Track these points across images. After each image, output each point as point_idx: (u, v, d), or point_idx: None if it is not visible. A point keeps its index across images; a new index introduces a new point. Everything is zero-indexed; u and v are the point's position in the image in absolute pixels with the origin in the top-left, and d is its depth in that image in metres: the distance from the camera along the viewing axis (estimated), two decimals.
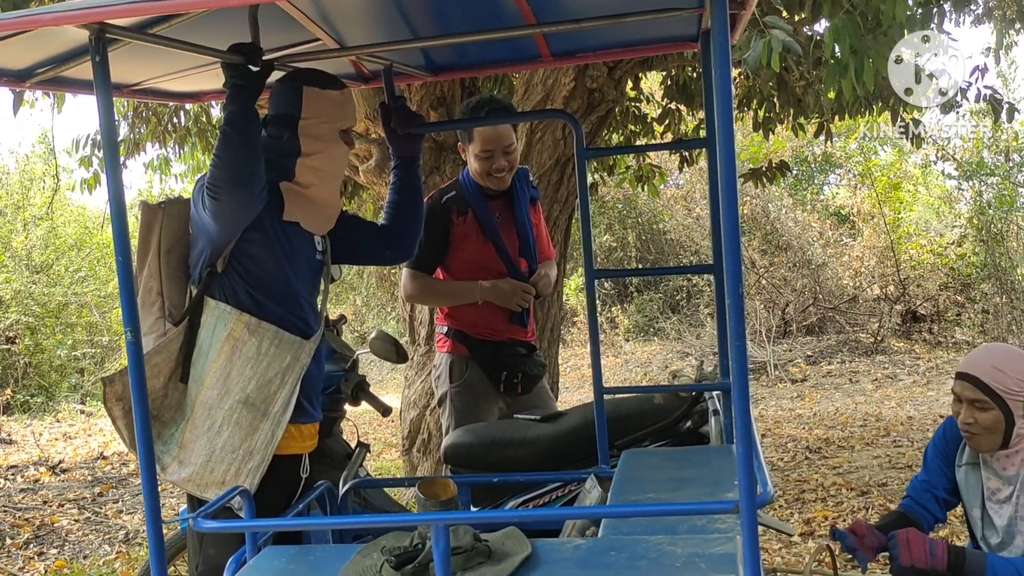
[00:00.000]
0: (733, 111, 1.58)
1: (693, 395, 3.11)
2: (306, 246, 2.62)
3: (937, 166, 13.57)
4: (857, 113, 6.02)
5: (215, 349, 2.46)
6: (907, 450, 6.63)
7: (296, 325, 2.55)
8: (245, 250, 2.48)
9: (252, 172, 2.34)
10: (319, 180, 2.59)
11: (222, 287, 2.49)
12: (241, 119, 2.32)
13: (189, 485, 2.47)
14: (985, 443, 2.52)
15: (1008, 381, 2.45)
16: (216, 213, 2.37)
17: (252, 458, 2.44)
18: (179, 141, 7.03)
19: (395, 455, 7.58)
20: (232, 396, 2.44)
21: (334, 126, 2.57)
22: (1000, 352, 2.55)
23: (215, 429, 2.44)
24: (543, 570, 1.88)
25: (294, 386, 2.51)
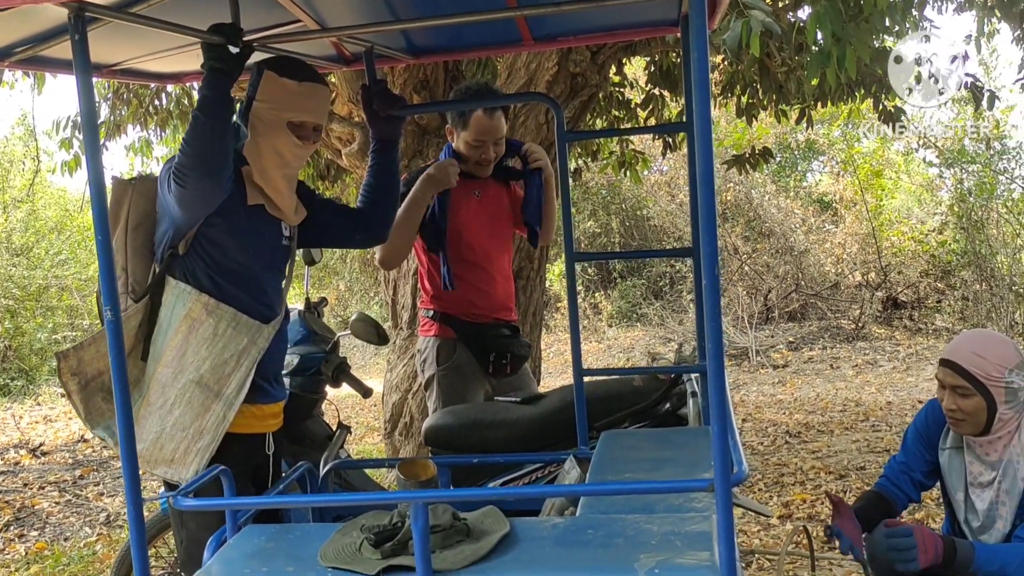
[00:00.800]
0: (711, 95, 1.59)
1: (672, 377, 3.14)
2: (272, 230, 2.61)
3: (919, 154, 13.65)
4: (839, 100, 6.04)
5: (173, 327, 2.46)
6: (885, 434, 6.69)
7: (256, 309, 2.55)
8: (208, 235, 2.48)
9: (219, 162, 2.33)
10: (257, 168, 2.54)
11: (183, 268, 2.49)
12: (214, 105, 2.30)
13: (139, 461, 2.45)
14: (969, 428, 2.55)
15: (988, 367, 2.47)
16: (180, 199, 2.37)
17: (202, 438, 2.46)
18: (160, 123, 6.98)
19: (377, 439, 7.60)
20: (186, 375, 2.45)
21: (282, 115, 2.51)
22: (981, 338, 2.57)
23: (167, 407, 2.45)
24: (521, 548, 1.90)
25: (249, 369, 2.51)
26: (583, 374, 2.89)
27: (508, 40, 3.07)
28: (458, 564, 1.82)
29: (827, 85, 5.38)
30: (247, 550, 2.00)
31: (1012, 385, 2.47)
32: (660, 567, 1.75)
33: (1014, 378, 2.47)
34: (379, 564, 1.83)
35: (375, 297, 14.89)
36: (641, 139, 10.84)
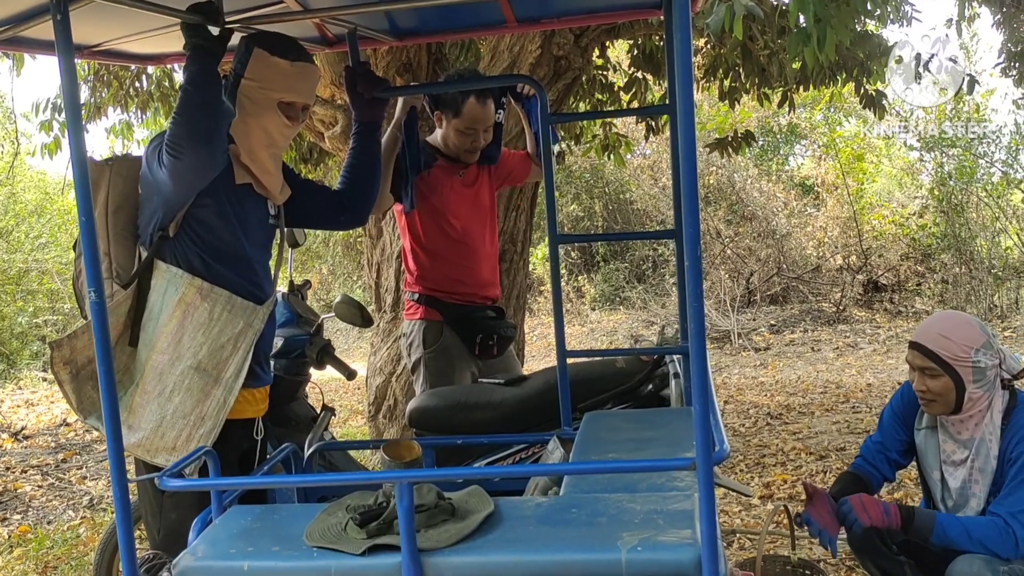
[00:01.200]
0: (693, 78, 1.61)
1: (654, 359, 3.17)
2: (259, 210, 2.59)
3: (900, 137, 13.72)
4: (821, 84, 6.06)
5: (166, 313, 2.43)
6: (865, 416, 6.75)
7: (249, 290, 2.53)
8: (198, 215, 2.45)
9: (214, 128, 2.31)
10: (245, 147, 2.52)
11: (173, 251, 2.46)
12: (202, 78, 2.28)
13: (139, 450, 2.45)
14: (939, 408, 2.59)
15: (954, 348, 2.52)
16: (175, 171, 2.32)
17: (204, 424, 2.44)
18: (141, 106, 6.93)
19: (361, 422, 7.61)
20: (184, 362, 2.42)
21: (272, 95, 2.49)
22: (947, 320, 2.61)
23: (166, 394, 2.42)
24: (505, 526, 1.92)
25: (247, 352, 2.50)
26: (566, 356, 2.91)
27: (491, 22, 3.07)
28: (443, 543, 1.83)
29: (809, 69, 5.41)
30: (233, 530, 2.01)
31: (979, 364, 2.51)
32: (642, 545, 1.77)
33: (980, 357, 2.51)
34: (364, 543, 1.84)
35: (358, 280, 14.87)
36: (624, 123, 10.85)
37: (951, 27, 8.03)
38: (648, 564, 1.74)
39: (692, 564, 1.72)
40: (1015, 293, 11.70)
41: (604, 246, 14.19)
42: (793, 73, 5.61)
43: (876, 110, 6.31)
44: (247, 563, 1.84)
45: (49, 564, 4.61)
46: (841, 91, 8.41)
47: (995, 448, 2.54)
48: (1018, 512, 2.43)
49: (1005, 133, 12.42)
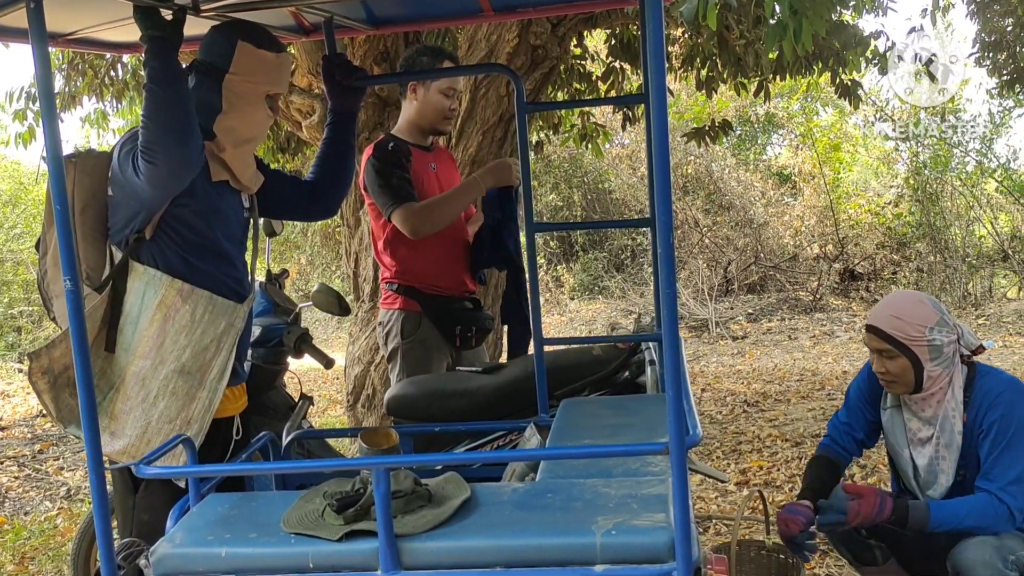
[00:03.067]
0: (671, 68, 1.62)
1: (631, 346, 3.19)
2: (235, 204, 2.55)
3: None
4: (797, 73, 6.10)
5: (146, 317, 2.36)
6: (840, 403, 6.81)
7: (230, 287, 2.49)
8: (176, 214, 2.39)
9: (187, 129, 2.23)
10: (231, 143, 2.47)
11: (151, 252, 2.39)
12: (166, 74, 2.20)
13: (124, 457, 2.39)
14: (900, 388, 2.62)
15: (907, 328, 2.54)
16: (153, 178, 2.24)
17: (191, 427, 2.40)
18: (116, 95, 6.88)
19: (340, 411, 7.61)
20: (167, 366, 2.37)
21: (261, 88, 2.47)
22: (899, 300, 2.64)
23: (150, 400, 2.38)
24: (482, 512, 1.94)
25: (230, 351, 2.46)
26: (543, 343, 2.93)
27: (468, 11, 3.08)
28: (420, 528, 1.85)
29: (785, 59, 5.44)
30: (210, 517, 2.02)
31: (935, 343, 2.54)
32: (617, 528, 1.79)
33: (935, 336, 2.54)
34: (342, 529, 1.86)
35: (336, 270, 14.83)
36: (602, 112, 10.87)
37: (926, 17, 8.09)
38: (622, 548, 1.76)
39: (665, 547, 1.74)
40: (988, 281, 11.82)
41: (583, 236, 14.22)
42: (769, 63, 5.65)
43: (851, 100, 6.36)
44: (224, 549, 1.85)
45: (26, 555, 4.60)
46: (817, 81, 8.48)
47: (959, 423, 2.56)
48: (1006, 484, 2.44)
49: (979, 123, 12.53)
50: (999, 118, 12.57)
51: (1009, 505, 2.44)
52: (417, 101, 3.59)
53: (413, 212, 3.42)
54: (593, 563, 1.77)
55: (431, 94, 3.55)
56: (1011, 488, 2.44)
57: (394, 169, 3.47)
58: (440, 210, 3.47)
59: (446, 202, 3.50)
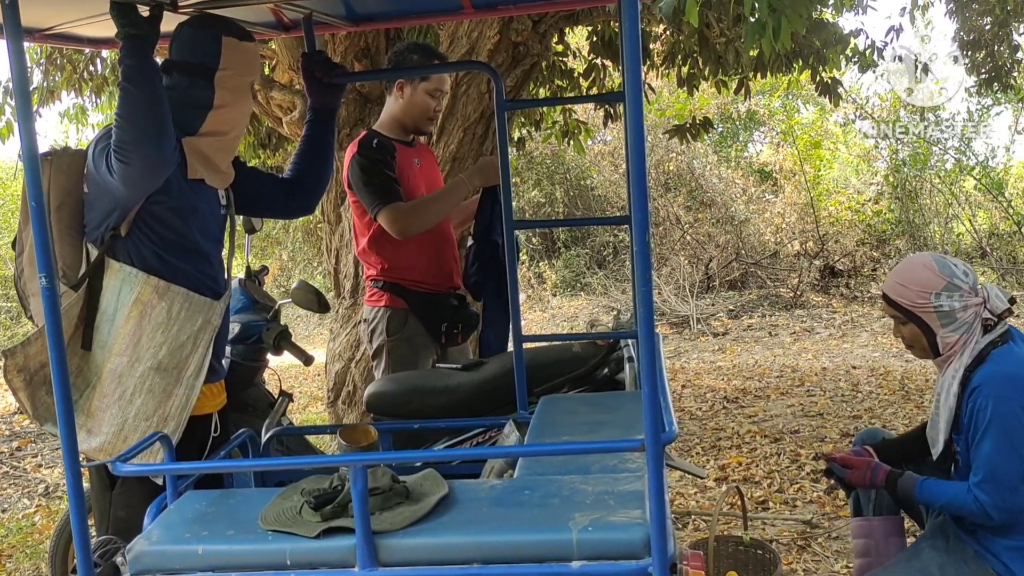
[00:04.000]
0: (653, 65, 1.63)
1: (610, 343, 3.20)
2: (211, 201, 2.54)
3: (856, 124, 13.90)
4: (777, 71, 6.12)
5: (122, 314, 2.36)
6: (819, 399, 6.86)
7: (206, 284, 2.49)
8: (152, 211, 2.38)
9: (161, 129, 2.22)
10: (226, 132, 2.49)
11: (127, 249, 2.39)
12: (141, 73, 2.20)
13: (100, 455, 2.39)
14: (920, 353, 2.61)
15: (911, 295, 2.52)
16: (126, 177, 2.25)
17: (167, 424, 2.40)
18: (95, 90, 6.83)
19: (321, 408, 7.59)
20: (143, 363, 2.37)
21: (248, 79, 2.49)
22: (904, 267, 2.61)
23: (127, 397, 2.37)
24: (459, 508, 1.95)
25: (207, 348, 2.46)
26: (522, 340, 2.94)
27: (448, 8, 3.08)
28: (397, 525, 1.86)
29: (765, 57, 5.47)
30: (188, 515, 2.01)
31: (942, 308, 2.49)
32: (593, 525, 1.81)
33: (943, 301, 2.49)
34: (319, 526, 1.86)
35: (318, 267, 14.79)
36: (584, 109, 10.88)
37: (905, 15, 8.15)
38: (598, 544, 1.77)
39: (641, 543, 1.75)
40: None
41: (565, 232, 14.24)
42: (749, 60, 5.67)
43: (832, 97, 6.40)
44: (202, 547, 1.85)
45: (4, 552, 4.57)
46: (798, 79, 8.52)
47: (955, 386, 2.53)
48: (979, 481, 2.43)
49: (958, 121, 12.63)
50: (977, 116, 12.67)
51: (981, 502, 2.44)
52: (403, 99, 3.58)
53: (401, 212, 3.42)
54: (570, 559, 1.78)
55: (418, 94, 3.55)
56: (983, 485, 2.43)
57: (380, 167, 3.47)
58: (428, 210, 3.48)
59: (434, 202, 3.50)
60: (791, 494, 4.66)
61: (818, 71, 6.10)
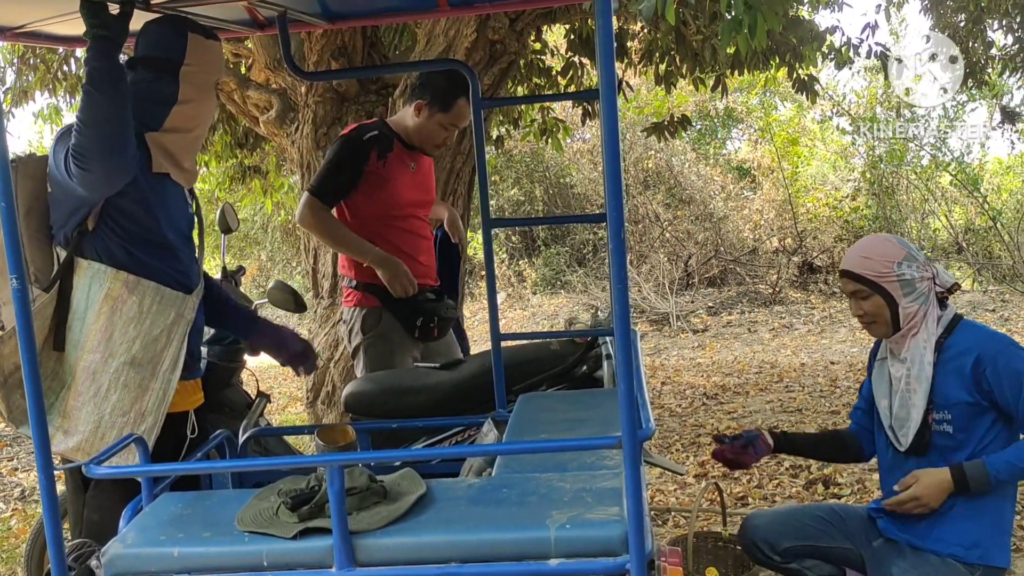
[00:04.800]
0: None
1: (588, 341, 3.21)
2: (177, 197, 2.51)
3: (833, 121, 13.98)
4: (754, 68, 6.15)
5: (93, 311, 2.34)
6: (798, 395, 6.90)
7: (176, 279, 2.46)
8: (118, 205, 2.36)
9: (122, 139, 2.20)
10: (190, 129, 2.48)
11: (94, 245, 2.36)
12: (107, 77, 2.16)
13: (78, 454, 2.35)
14: (881, 329, 2.62)
15: (875, 265, 2.56)
16: (86, 183, 2.23)
17: (145, 419, 2.37)
18: (69, 90, 6.78)
19: (300, 408, 7.57)
20: (117, 358, 2.34)
21: (212, 77, 2.48)
22: (865, 242, 2.65)
23: (102, 394, 2.34)
24: (437, 507, 1.94)
25: (181, 342, 2.44)
26: (500, 338, 2.94)
27: (424, 6, 3.06)
28: (374, 524, 1.84)
29: (742, 54, 5.48)
30: (163, 517, 1.99)
31: (904, 277, 2.54)
32: (571, 522, 1.80)
33: (904, 270, 2.54)
34: (296, 527, 1.85)
35: (297, 267, 14.74)
36: (562, 107, 10.90)
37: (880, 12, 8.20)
38: (576, 541, 1.77)
39: (619, 540, 1.75)
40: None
41: (545, 230, 14.26)
42: (726, 58, 5.68)
43: (809, 94, 6.43)
44: (177, 549, 1.84)
45: None
46: (775, 76, 8.55)
47: (928, 355, 2.54)
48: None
49: (933, 117, 12.72)
50: (953, 113, 12.77)
51: None
52: (419, 119, 3.57)
53: (315, 213, 3.49)
54: (548, 557, 1.77)
55: (431, 121, 3.54)
56: None
57: (353, 162, 3.47)
58: (328, 237, 3.55)
59: (335, 237, 3.54)
60: (770, 489, 4.68)
61: (795, 68, 6.13)
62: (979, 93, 12.02)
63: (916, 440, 2.58)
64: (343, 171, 3.47)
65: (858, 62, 7.67)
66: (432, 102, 3.52)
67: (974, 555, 2.50)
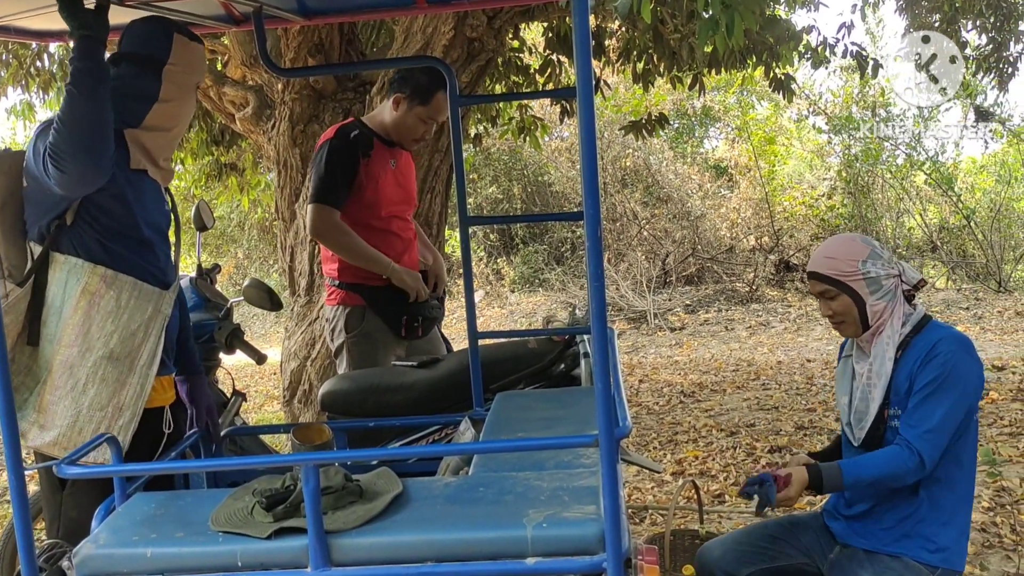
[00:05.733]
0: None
1: (566, 339, 3.20)
2: (154, 194, 2.51)
3: (810, 120, 14.06)
4: (731, 67, 6.16)
5: (69, 305, 2.33)
6: (775, 392, 6.93)
7: (153, 275, 2.46)
8: (95, 200, 2.35)
9: (101, 142, 2.20)
10: (168, 128, 2.49)
11: (71, 240, 2.35)
12: (90, 78, 2.17)
13: (55, 449, 2.34)
14: (851, 329, 2.63)
15: (840, 264, 2.57)
16: (62, 183, 2.23)
17: (123, 414, 2.37)
18: (43, 86, 6.71)
19: (277, 407, 7.53)
20: (95, 352, 2.34)
21: (194, 78, 2.50)
22: (830, 242, 2.67)
23: (79, 388, 2.33)
24: (414, 506, 1.93)
25: (159, 337, 2.44)
26: (478, 337, 2.93)
27: (402, 2, 3.05)
28: (350, 524, 1.83)
29: (719, 53, 5.50)
30: (136, 517, 1.97)
31: (870, 275, 2.55)
32: (548, 521, 1.80)
33: (869, 268, 2.55)
34: (271, 527, 1.83)
35: (274, 264, 14.67)
36: (541, 105, 10.90)
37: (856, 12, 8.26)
38: (553, 540, 1.77)
39: (595, 539, 1.75)
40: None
41: (523, 229, 14.26)
42: (703, 57, 5.70)
43: (785, 93, 6.46)
44: (150, 550, 1.82)
45: None
46: (752, 75, 8.59)
47: (891, 351, 2.56)
48: (924, 432, 2.44)
49: (908, 116, 12.82)
50: (927, 112, 12.87)
51: (921, 454, 2.44)
52: (396, 113, 3.55)
53: (325, 220, 3.46)
54: (524, 556, 1.77)
55: (410, 115, 3.53)
56: (927, 436, 2.45)
57: (345, 161, 3.47)
58: (345, 245, 3.52)
59: (354, 248, 3.52)
60: None
61: (771, 67, 6.15)
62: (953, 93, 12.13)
63: (870, 434, 2.60)
64: (340, 173, 3.46)
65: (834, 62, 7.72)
66: (412, 96, 3.51)
67: (938, 559, 2.52)
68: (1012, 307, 10.35)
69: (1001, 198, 12.83)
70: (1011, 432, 5.35)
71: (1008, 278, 11.79)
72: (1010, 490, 4.38)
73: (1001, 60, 8.02)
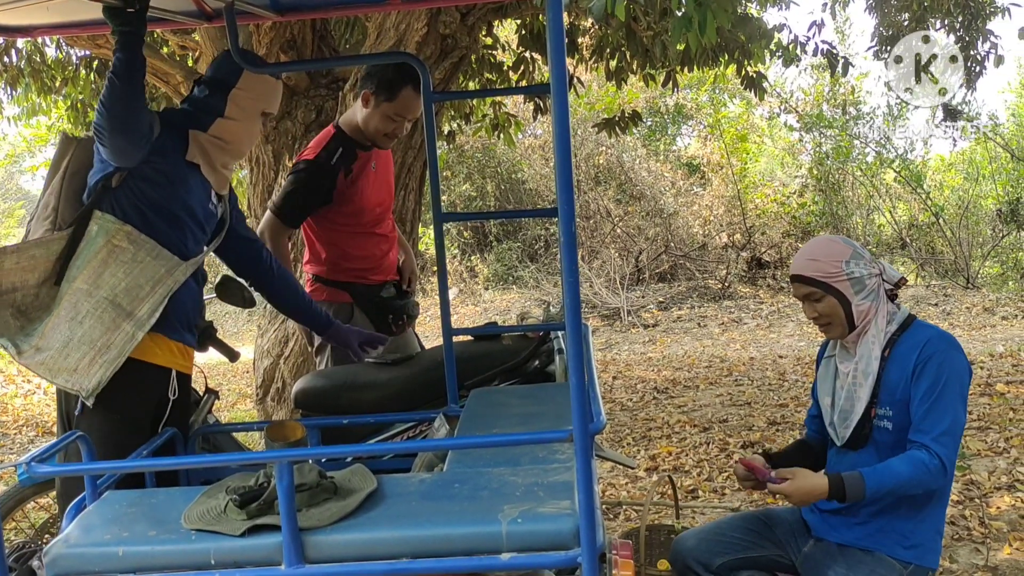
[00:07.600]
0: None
1: (540, 335, 3.21)
2: (201, 189, 2.76)
3: (781, 118, 14.15)
4: (704, 65, 6.19)
5: (91, 251, 2.56)
6: (747, 388, 6.98)
7: (176, 246, 2.67)
8: (143, 171, 2.61)
9: (133, 121, 2.45)
10: (229, 142, 2.79)
11: (112, 201, 2.60)
12: (128, 68, 2.41)
13: (41, 368, 2.52)
14: (837, 330, 2.64)
15: (824, 266, 2.58)
16: (104, 154, 2.55)
17: (108, 351, 2.51)
18: (11, 81, 6.63)
19: (250, 405, 7.49)
20: (100, 292, 2.53)
21: (260, 106, 2.81)
22: (812, 244, 2.67)
23: (77, 319, 2.52)
24: (388, 503, 1.93)
25: (163, 297, 2.60)
26: (452, 333, 2.93)
27: None
28: (324, 521, 1.83)
29: (692, 51, 5.53)
30: (108, 515, 1.96)
31: (854, 275, 2.56)
32: (523, 516, 1.80)
33: (853, 268, 2.56)
34: (244, 524, 1.82)
35: None
36: (514, 102, 10.90)
37: (826, 11, 8.33)
38: (528, 535, 1.77)
39: (570, 534, 1.76)
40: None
41: (497, 226, 14.26)
42: (676, 54, 5.72)
43: (756, 91, 6.50)
44: (122, 548, 1.80)
45: None
46: (724, 73, 8.64)
47: (876, 350, 2.56)
48: (939, 435, 2.44)
49: (878, 115, 12.93)
50: (897, 110, 13.00)
51: (941, 456, 2.45)
52: (367, 109, 3.53)
53: (274, 233, 3.52)
54: (499, 551, 1.77)
55: (378, 112, 3.50)
56: (943, 439, 2.45)
57: (319, 186, 3.48)
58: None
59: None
60: (720, 482, 4.73)
61: (743, 65, 6.19)
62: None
63: (855, 433, 2.60)
64: (311, 196, 3.49)
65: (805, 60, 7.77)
66: (377, 91, 3.49)
67: (911, 555, 2.54)
68: (980, 303, 10.47)
69: (969, 195, 12.99)
70: (979, 426, 5.41)
71: (976, 275, 11.92)
72: (979, 483, 4.44)
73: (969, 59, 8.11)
